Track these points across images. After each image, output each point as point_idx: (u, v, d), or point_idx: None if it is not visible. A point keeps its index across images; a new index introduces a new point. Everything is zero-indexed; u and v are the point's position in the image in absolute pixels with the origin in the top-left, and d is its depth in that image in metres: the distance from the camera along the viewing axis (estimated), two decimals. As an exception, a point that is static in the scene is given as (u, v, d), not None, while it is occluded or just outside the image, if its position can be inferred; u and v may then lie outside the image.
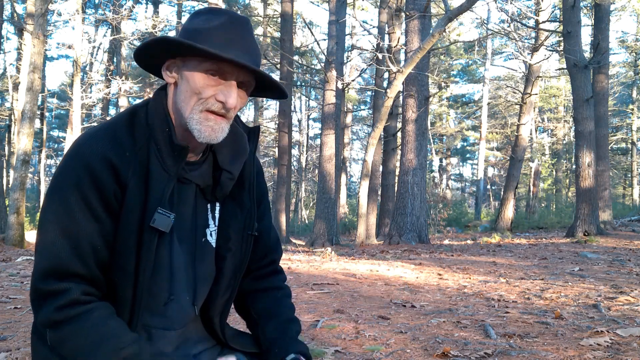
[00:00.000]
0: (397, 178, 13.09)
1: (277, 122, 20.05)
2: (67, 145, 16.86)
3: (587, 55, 13.44)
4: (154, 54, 1.07)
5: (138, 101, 1.17)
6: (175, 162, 1.05)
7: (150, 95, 1.13)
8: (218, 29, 1.02)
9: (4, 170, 19.76)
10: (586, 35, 28.75)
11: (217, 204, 1.15)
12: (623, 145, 29.38)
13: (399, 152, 12.52)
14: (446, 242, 11.60)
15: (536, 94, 16.72)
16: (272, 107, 31.16)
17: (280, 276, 1.32)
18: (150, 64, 1.11)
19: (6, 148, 20.47)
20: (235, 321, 3.33)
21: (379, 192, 17.60)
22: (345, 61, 15.75)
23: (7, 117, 20.14)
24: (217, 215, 1.15)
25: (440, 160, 33.73)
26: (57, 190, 1.00)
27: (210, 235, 1.14)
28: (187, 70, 1.04)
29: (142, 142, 1.05)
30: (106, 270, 1.03)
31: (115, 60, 22.15)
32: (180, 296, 1.09)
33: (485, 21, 20.33)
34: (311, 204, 31.14)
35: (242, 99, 1.07)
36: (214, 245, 1.15)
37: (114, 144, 1.02)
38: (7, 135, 20.51)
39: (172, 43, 1.03)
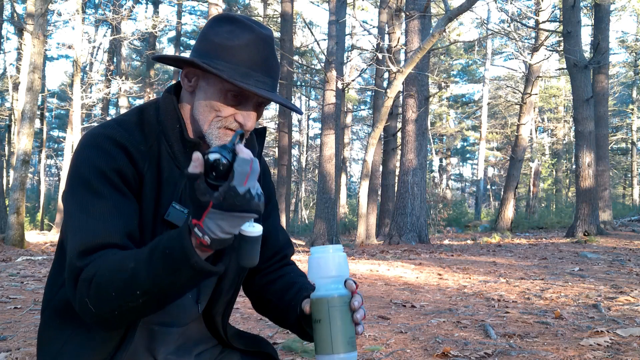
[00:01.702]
0: (397, 178, 13.09)
1: (277, 122, 20.07)
2: (67, 145, 16.85)
3: (587, 55, 13.44)
4: (176, 61, 1.09)
5: (138, 101, 1.16)
6: (187, 159, 1.06)
7: (151, 96, 1.13)
8: (243, 49, 1.02)
9: (4, 170, 19.75)
10: (586, 35, 28.75)
11: None
12: (623, 145, 29.37)
13: (399, 152, 12.52)
14: (446, 242, 11.60)
15: (536, 94, 16.72)
16: (272, 107, 31.16)
17: (293, 267, 1.30)
18: (169, 62, 1.12)
19: (6, 148, 20.47)
20: (235, 321, 3.34)
21: (379, 192, 17.60)
22: (345, 61, 15.74)
23: (7, 117, 20.14)
24: None
25: (440, 160, 33.73)
26: (79, 175, 0.99)
27: None
28: (207, 85, 1.04)
29: (152, 139, 1.06)
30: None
31: (115, 60, 22.14)
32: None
33: (485, 21, 20.33)
34: (311, 204, 31.13)
35: (259, 115, 1.08)
36: None
37: (129, 136, 1.03)
38: (7, 135, 20.51)
39: (198, 67, 1.03)
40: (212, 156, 0.82)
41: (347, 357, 0.96)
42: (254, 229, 0.87)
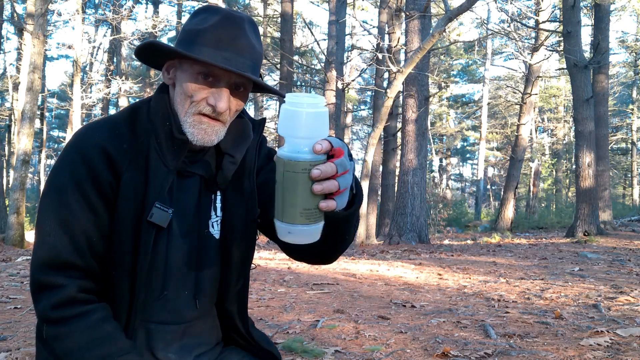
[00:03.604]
0: (397, 178, 13.09)
1: (277, 122, 20.03)
2: (67, 145, 16.83)
3: (587, 55, 13.43)
4: (155, 55, 1.08)
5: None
6: (175, 157, 1.06)
7: (151, 94, 1.13)
8: (210, 29, 1.01)
9: (4, 170, 19.75)
10: (586, 35, 28.71)
11: (219, 193, 1.14)
12: (623, 145, 29.36)
13: (399, 152, 12.51)
14: (446, 242, 11.59)
15: (536, 94, 16.71)
16: (272, 107, 31.16)
17: None
18: (154, 63, 1.12)
19: (6, 148, 20.47)
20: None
21: (379, 192, 17.60)
22: (345, 61, 15.74)
23: (7, 117, 20.14)
24: (218, 205, 1.14)
25: (440, 160, 33.72)
26: (55, 182, 1.02)
27: (212, 226, 1.13)
28: (181, 72, 1.04)
29: (143, 137, 1.05)
30: (103, 263, 1.04)
31: (115, 60, 22.14)
32: (176, 291, 1.09)
33: (485, 21, 20.32)
34: (311, 204, 31.07)
35: (238, 100, 1.06)
36: (217, 236, 1.14)
37: (112, 135, 1.04)
38: (7, 135, 20.52)
39: (159, 48, 1.04)
40: None
41: (297, 229, 0.84)
42: None
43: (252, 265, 1.21)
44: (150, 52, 1.07)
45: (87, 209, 1.01)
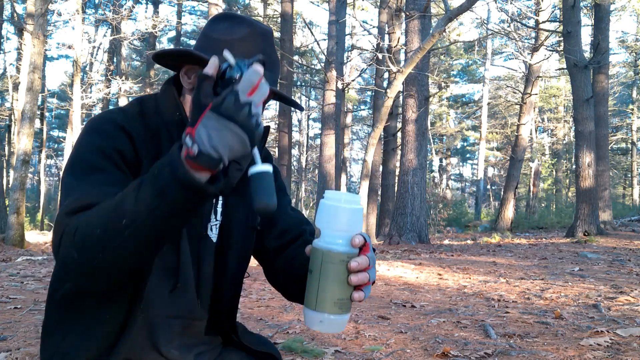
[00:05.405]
0: (397, 178, 13.09)
1: (277, 122, 20.05)
2: (67, 145, 16.86)
3: (587, 55, 13.43)
4: (174, 58, 1.08)
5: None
6: None
7: (151, 93, 1.13)
8: (240, 42, 1.02)
9: (4, 170, 19.75)
10: (586, 35, 28.70)
11: (220, 198, 1.14)
12: (623, 145, 29.37)
13: (399, 152, 12.52)
14: (446, 242, 11.59)
15: (536, 94, 16.72)
16: (272, 107, 31.14)
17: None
18: (168, 63, 1.12)
19: (6, 148, 20.48)
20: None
21: (379, 192, 17.61)
22: (345, 61, 15.74)
23: (7, 117, 20.15)
24: (219, 209, 1.14)
25: (440, 160, 33.72)
26: (79, 156, 0.98)
27: (211, 230, 1.13)
28: None
29: (152, 129, 1.05)
30: None
31: (115, 60, 22.13)
32: (185, 286, 1.08)
33: (485, 21, 20.31)
34: (311, 204, 31.14)
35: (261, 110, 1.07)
36: (214, 240, 1.13)
37: (132, 122, 1.03)
38: (7, 135, 20.53)
39: (195, 57, 1.03)
40: (227, 63, 0.83)
41: (330, 319, 0.87)
42: (258, 167, 0.85)
43: (246, 274, 1.20)
44: (175, 56, 1.06)
45: (118, 170, 0.97)
